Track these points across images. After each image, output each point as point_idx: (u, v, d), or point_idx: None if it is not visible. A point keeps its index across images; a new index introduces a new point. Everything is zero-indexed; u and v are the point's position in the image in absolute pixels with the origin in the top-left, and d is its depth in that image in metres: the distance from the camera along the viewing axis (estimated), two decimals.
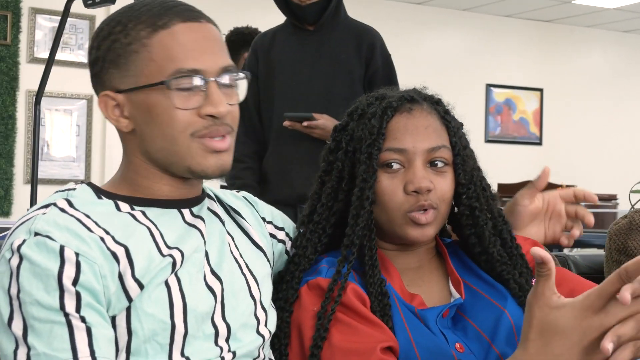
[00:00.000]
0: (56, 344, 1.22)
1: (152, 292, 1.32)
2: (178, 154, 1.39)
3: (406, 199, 1.56)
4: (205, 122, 1.38)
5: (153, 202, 1.42)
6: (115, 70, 1.38)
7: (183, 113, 1.37)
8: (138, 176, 1.43)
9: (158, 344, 1.31)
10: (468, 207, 1.63)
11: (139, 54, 1.37)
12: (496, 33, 10.78)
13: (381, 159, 1.57)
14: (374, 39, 3.28)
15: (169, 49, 1.36)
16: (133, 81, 1.37)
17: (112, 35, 1.39)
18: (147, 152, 1.41)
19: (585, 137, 11.27)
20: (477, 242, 1.65)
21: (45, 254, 1.24)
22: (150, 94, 1.37)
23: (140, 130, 1.40)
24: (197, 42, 1.39)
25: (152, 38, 1.37)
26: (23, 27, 7.43)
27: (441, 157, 1.59)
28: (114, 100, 1.40)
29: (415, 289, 1.61)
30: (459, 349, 1.51)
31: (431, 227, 1.58)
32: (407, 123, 1.60)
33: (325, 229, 1.63)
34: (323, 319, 1.48)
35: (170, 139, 1.38)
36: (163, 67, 1.36)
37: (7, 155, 7.30)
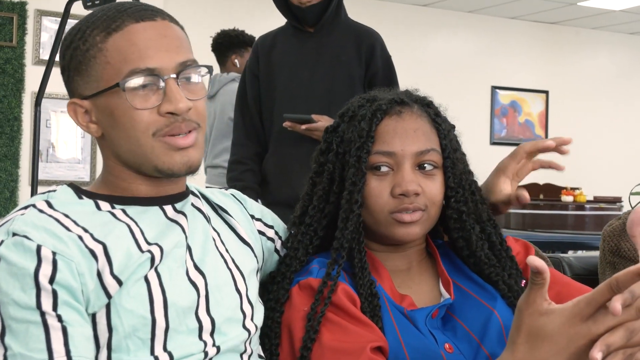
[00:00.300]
0: (32, 344, 1.22)
1: (130, 288, 1.32)
2: (144, 155, 1.39)
3: (391, 201, 1.57)
4: (165, 120, 1.38)
5: (133, 200, 1.43)
6: (78, 77, 1.41)
7: (142, 113, 1.37)
8: (115, 178, 1.44)
9: (139, 339, 1.32)
10: (456, 210, 1.64)
11: (96, 59, 1.38)
12: (502, 35, 10.78)
13: (370, 162, 1.58)
14: (374, 40, 3.28)
15: (123, 51, 1.37)
16: (95, 86, 1.39)
17: (73, 43, 1.41)
18: (117, 154, 1.42)
19: (591, 140, 11.25)
20: (464, 245, 1.65)
21: (22, 253, 1.25)
22: (110, 97, 1.38)
23: (107, 134, 1.42)
24: (150, 40, 1.39)
25: (106, 42, 1.38)
26: (29, 29, 7.44)
27: (430, 160, 1.60)
28: (82, 107, 1.42)
29: (406, 289, 1.61)
30: (448, 350, 1.51)
31: (417, 226, 1.58)
32: (396, 126, 1.60)
33: (316, 231, 1.63)
34: (313, 319, 1.49)
35: (134, 141, 1.39)
36: (119, 69, 1.37)
37: (12, 157, 7.32)
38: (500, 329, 1.54)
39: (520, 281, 1.64)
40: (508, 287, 1.61)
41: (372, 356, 1.42)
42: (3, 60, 7.28)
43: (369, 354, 1.42)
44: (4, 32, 7.30)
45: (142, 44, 1.38)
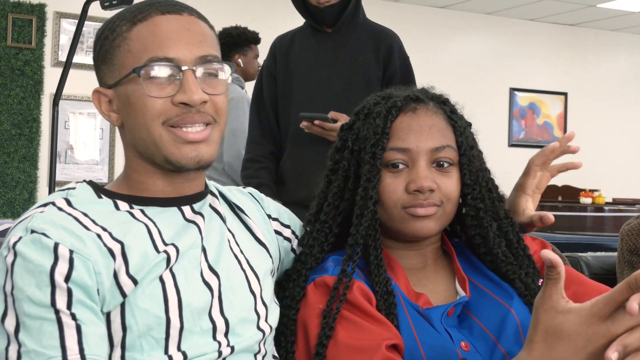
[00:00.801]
0: (46, 341, 1.22)
1: (146, 288, 1.33)
2: (154, 144, 1.40)
3: (405, 196, 1.57)
4: (177, 110, 1.39)
5: (152, 201, 1.43)
6: (104, 66, 1.43)
7: (156, 101, 1.38)
8: (133, 172, 1.45)
9: (153, 339, 1.32)
10: (473, 207, 1.63)
11: (120, 48, 1.41)
12: (520, 37, 10.75)
13: (385, 159, 1.58)
14: (392, 41, 3.27)
15: (144, 40, 1.40)
16: (117, 75, 1.41)
17: (103, 34, 1.44)
18: (133, 144, 1.44)
19: (610, 142, 11.20)
20: (481, 242, 1.65)
21: (39, 250, 1.26)
22: (128, 85, 1.40)
23: (126, 123, 1.43)
24: (173, 32, 1.40)
25: (131, 31, 1.40)
26: (48, 31, 7.50)
27: (446, 157, 1.60)
28: (105, 95, 1.44)
29: (421, 288, 1.61)
30: (464, 348, 1.50)
31: (431, 220, 1.58)
32: (411, 122, 1.60)
33: (331, 228, 1.63)
34: (328, 317, 1.48)
35: (144, 128, 1.39)
36: (138, 57, 1.39)
37: (31, 159, 7.37)
38: (517, 328, 1.53)
39: (537, 280, 1.63)
40: (525, 285, 1.60)
41: (387, 354, 1.41)
42: (22, 62, 7.33)
43: (385, 352, 1.41)
44: (23, 34, 7.35)
45: (163, 35, 1.39)
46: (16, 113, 7.29)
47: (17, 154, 7.31)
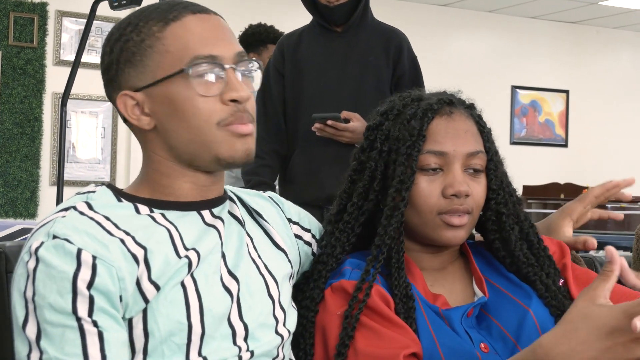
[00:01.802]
0: (68, 349, 1.21)
1: (168, 293, 1.31)
2: (205, 144, 1.37)
3: (441, 201, 1.55)
4: (229, 109, 1.37)
5: (173, 205, 1.41)
6: (130, 69, 1.38)
7: (206, 100, 1.36)
8: (158, 175, 1.42)
9: (175, 345, 1.31)
10: (495, 212, 1.63)
11: (153, 48, 1.36)
12: (522, 34, 10.74)
13: (420, 162, 1.56)
14: (401, 41, 3.27)
15: (184, 39, 1.36)
16: (151, 76, 1.37)
17: (123, 36, 1.39)
18: (171, 147, 1.40)
19: (612, 139, 11.19)
20: (501, 246, 1.64)
21: (62, 256, 1.24)
22: (170, 85, 1.36)
23: (162, 126, 1.39)
24: (210, 30, 1.39)
25: (165, 31, 1.37)
26: (49, 30, 7.49)
27: (478, 163, 1.59)
28: (133, 99, 1.39)
29: (439, 289, 1.60)
30: (484, 349, 1.50)
31: (464, 230, 1.57)
32: (447, 126, 1.58)
33: (354, 228, 1.61)
34: (349, 323, 1.47)
35: (196, 130, 1.37)
36: (180, 56, 1.36)
37: (33, 158, 7.36)
38: (535, 328, 1.52)
39: (558, 280, 1.63)
40: (545, 286, 1.60)
41: None
42: (24, 61, 7.33)
43: None
44: (25, 32, 7.34)
45: (202, 33, 1.38)
46: (18, 112, 7.28)
47: (19, 153, 7.30)
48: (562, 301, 1.59)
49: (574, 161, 10.95)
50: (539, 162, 10.63)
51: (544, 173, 10.45)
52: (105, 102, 7.63)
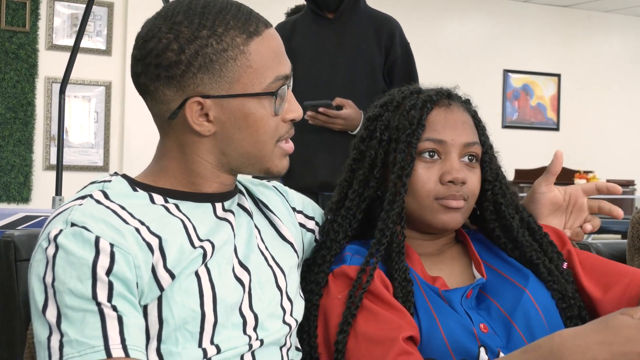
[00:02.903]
0: (88, 331, 1.24)
1: (182, 282, 1.34)
2: (262, 158, 1.43)
3: (439, 187, 1.61)
4: (287, 127, 1.44)
5: (186, 196, 1.43)
6: (205, 75, 1.36)
7: (275, 119, 1.41)
8: (192, 174, 1.44)
9: (188, 332, 1.34)
10: (493, 202, 1.69)
11: (236, 61, 1.37)
12: (514, 18, 10.76)
13: (419, 149, 1.62)
14: (393, 28, 3.29)
15: (266, 57, 1.39)
16: (226, 88, 1.37)
17: (198, 39, 1.36)
18: (225, 154, 1.42)
19: (603, 123, 11.24)
20: (502, 233, 1.70)
21: (81, 244, 1.27)
22: (248, 101, 1.38)
23: (225, 135, 1.40)
24: (281, 47, 1.43)
25: (249, 45, 1.38)
26: (42, 14, 7.47)
27: (474, 153, 1.65)
28: (200, 104, 1.38)
29: (437, 272, 1.65)
30: (483, 329, 1.54)
31: (460, 213, 1.63)
32: (446, 116, 1.65)
33: (355, 215, 1.66)
34: (351, 305, 1.51)
35: (260, 144, 1.41)
36: (262, 74, 1.38)
37: (26, 142, 7.36)
38: (533, 308, 1.57)
39: (561, 265, 1.68)
40: (548, 270, 1.65)
41: (404, 346, 1.44)
42: (16, 45, 7.31)
43: (402, 344, 1.44)
44: (17, 17, 7.32)
45: (278, 51, 1.41)
46: (10, 97, 7.27)
47: (12, 137, 7.29)
48: (564, 285, 1.64)
49: (566, 145, 10.98)
50: (530, 145, 10.67)
51: (536, 157, 10.47)
52: (98, 87, 7.62)
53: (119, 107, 7.73)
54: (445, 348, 1.50)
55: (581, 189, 1.87)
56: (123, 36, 7.69)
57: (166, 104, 1.40)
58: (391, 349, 1.44)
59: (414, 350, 1.46)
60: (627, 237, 2.36)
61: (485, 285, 1.62)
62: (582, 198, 1.88)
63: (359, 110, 3.12)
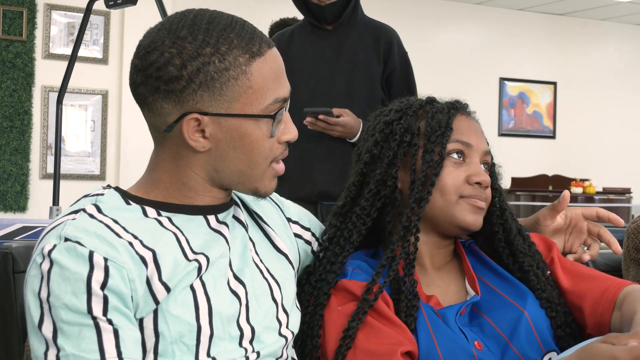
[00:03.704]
0: (84, 345, 1.24)
1: (178, 295, 1.34)
2: (252, 177, 1.42)
3: (466, 186, 1.66)
4: (282, 148, 1.43)
5: (180, 208, 1.43)
6: (205, 92, 1.36)
7: (270, 140, 1.41)
8: (185, 187, 1.44)
9: (185, 345, 1.34)
10: (499, 208, 1.73)
11: (237, 81, 1.36)
12: (510, 27, 10.78)
13: (448, 149, 1.67)
14: (391, 37, 3.29)
15: (267, 79, 1.38)
16: (225, 106, 1.37)
17: (201, 56, 1.35)
18: (217, 170, 1.42)
19: (599, 131, 11.26)
20: (503, 237, 1.73)
21: (75, 259, 1.27)
22: (245, 122, 1.38)
23: (219, 152, 1.40)
24: (281, 68, 1.42)
25: (251, 66, 1.37)
26: (38, 24, 7.48)
27: (488, 162, 1.72)
28: (197, 121, 1.38)
29: (435, 289, 1.66)
30: (478, 347, 1.54)
31: (481, 216, 1.68)
32: (469, 123, 1.72)
33: (370, 213, 1.68)
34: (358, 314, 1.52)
35: (253, 164, 1.41)
36: (261, 96, 1.38)
37: (23, 151, 7.36)
38: (529, 329, 1.57)
39: (546, 272, 1.71)
40: (537, 277, 1.67)
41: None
42: (13, 54, 7.32)
43: (399, 359, 1.45)
44: (13, 26, 7.33)
45: (279, 73, 1.40)
46: (7, 105, 7.28)
47: (9, 146, 7.30)
48: (550, 292, 1.65)
49: (562, 153, 11.02)
50: (527, 153, 10.69)
51: (532, 165, 10.51)
52: (94, 95, 7.63)
53: (115, 116, 7.73)
54: None
55: (582, 213, 1.90)
56: (120, 45, 7.71)
57: (163, 117, 1.39)
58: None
59: None
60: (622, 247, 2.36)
61: (480, 303, 1.62)
62: (582, 222, 1.90)
63: (357, 119, 3.13)
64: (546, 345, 1.57)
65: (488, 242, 1.75)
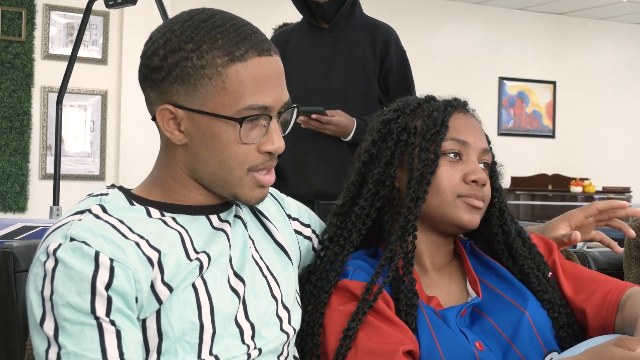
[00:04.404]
0: (86, 345, 1.25)
1: (180, 295, 1.35)
2: (228, 182, 1.41)
3: (462, 185, 1.64)
4: (262, 159, 1.40)
5: (183, 209, 1.44)
6: (180, 86, 1.37)
7: (245, 147, 1.38)
8: (173, 182, 1.44)
9: (187, 344, 1.34)
10: (499, 209, 1.72)
11: (211, 80, 1.36)
12: (509, 26, 10.78)
13: (444, 148, 1.65)
14: (388, 36, 3.29)
15: (243, 83, 1.36)
16: (198, 103, 1.37)
17: (182, 51, 1.37)
18: (194, 169, 1.42)
19: (599, 130, 11.26)
20: (502, 239, 1.72)
21: (80, 258, 1.27)
22: (216, 122, 1.37)
23: (193, 149, 1.40)
24: (268, 77, 1.38)
25: (228, 68, 1.36)
26: (38, 24, 7.47)
27: (487, 161, 1.70)
28: (172, 113, 1.39)
29: (436, 290, 1.66)
30: (479, 347, 1.54)
31: (479, 215, 1.66)
32: (466, 121, 1.70)
33: (369, 214, 1.68)
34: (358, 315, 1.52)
35: (226, 169, 1.39)
36: (235, 99, 1.36)
37: (22, 151, 7.36)
38: (531, 330, 1.57)
39: (547, 274, 1.70)
40: (538, 279, 1.66)
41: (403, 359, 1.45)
42: (12, 55, 7.31)
43: (401, 357, 1.45)
44: (12, 27, 7.33)
45: (262, 81, 1.37)
46: (7, 106, 7.27)
47: (8, 147, 7.29)
48: (552, 294, 1.65)
49: (562, 152, 11.02)
50: (526, 153, 10.69)
51: (532, 164, 10.50)
52: (94, 96, 7.63)
53: (115, 116, 7.73)
54: None
55: (583, 215, 1.91)
56: (119, 45, 7.70)
57: (151, 105, 1.43)
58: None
59: None
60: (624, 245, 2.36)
61: (481, 304, 1.62)
62: (586, 221, 1.93)
63: (350, 118, 3.14)
64: (548, 345, 1.57)
65: (488, 244, 1.75)
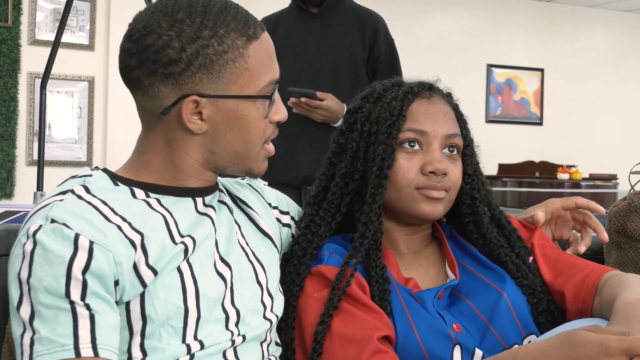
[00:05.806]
0: (59, 330, 1.24)
1: (165, 278, 1.34)
2: (248, 158, 1.45)
3: (420, 177, 1.61)
4: (273, 128, 1.47)
5: (169, 190, 1.43)
6: (204, 75, 1.37)
7: (265, 122, 1.44)
8: (174, 168, 1.44)
9: (172, 328, 1.34)
10: (470, 196, 1.70)
11: (235, 63, 1.38)
12: (497, 13, 10.78)
13: (400, 139, 1.63)
14: (377, 24, 3.29)
15: (262, 61, 1.41)
16: (223, 88, 1.38)
17: (200, 39, 1.36)
18: (212, 152, 1.43)
19: (586, 117, 11.28)
20: (474, 229, 1.71)
21: (60, 241, 1.26)
22: (242, 103, 1.40)
23: (216, 133, 1.41)
24: (273, 51, 1.45)
25: (248, 49, 1.39)
26: (24, 9, 7.43)
27: (455, 144, 1.66)
28: (195, 103, 1.39)
29: (413, 272, 1.65)
30: (456, 329, 1.55)
31: (442, 204, 1.63)
32: (427, 107, 1.66)
33: (339, 208, 1.67)
34: (332, 300, 1.52)
35: (249, 145, 1.43)
36: (257, 77, 1.40)
37: (9, 138, 7.32)
38: (509, 311, 1.58)
39: (527, 260, 1.70)
40: (517, 266, 1.66)
41: (379, 345, 1.45)
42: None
43: (376, 344, 1.45)
44: None
45: (272, 55, 1.44)
46: None
47: None
48: (532, 280, 1.65)
49: (549, 139, 11.04)
50: (514, 140, 10.71)
51: (519, 151, 10.53)
52: (81, 82, 7.59)
53: (102, 103, 7.70)
54: (420, 350, 1.50)
55: (561, 206, 1.89)
56: (106, 31, 7.67)
57: (159, 100, 1.39)
58: (366, 347, 1.44)
59: (388, 349, 1.47)
60: None
61: (459, 286, 1.62)
62: (564, 213, 1.90)
63: (341, 103, 3.14)
64: (526, 327, 1.58)
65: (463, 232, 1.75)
